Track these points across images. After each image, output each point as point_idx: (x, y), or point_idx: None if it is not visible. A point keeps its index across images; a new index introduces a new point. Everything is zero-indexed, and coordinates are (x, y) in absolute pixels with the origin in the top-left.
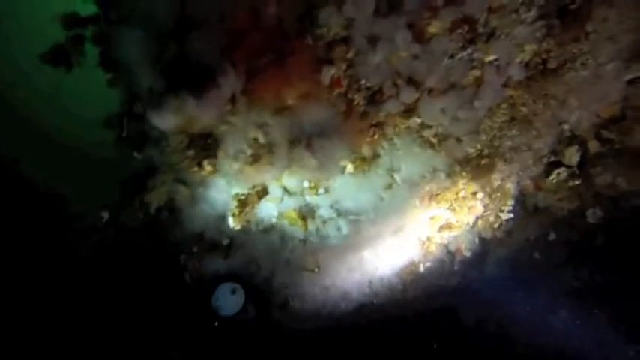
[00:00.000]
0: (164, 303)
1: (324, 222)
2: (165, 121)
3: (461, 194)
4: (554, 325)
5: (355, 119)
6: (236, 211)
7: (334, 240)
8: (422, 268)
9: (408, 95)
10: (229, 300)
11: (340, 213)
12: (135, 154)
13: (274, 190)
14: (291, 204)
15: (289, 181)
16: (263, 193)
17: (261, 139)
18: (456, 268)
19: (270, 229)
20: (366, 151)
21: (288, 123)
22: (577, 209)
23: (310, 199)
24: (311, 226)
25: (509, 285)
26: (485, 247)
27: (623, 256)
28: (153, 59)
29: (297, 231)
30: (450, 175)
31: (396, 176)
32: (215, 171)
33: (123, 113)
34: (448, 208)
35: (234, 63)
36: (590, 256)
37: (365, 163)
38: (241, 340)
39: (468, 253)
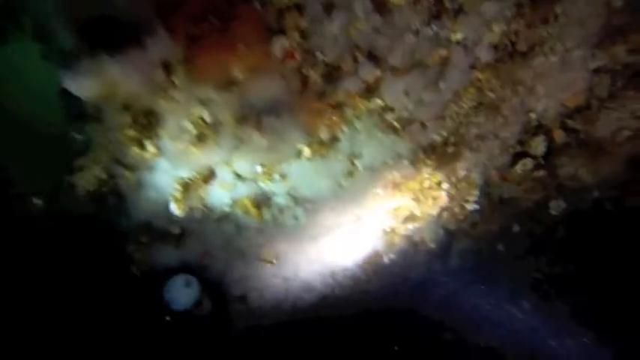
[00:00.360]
0: (109, 298)
1: (281, 210)
2: (81, 85)
3: (425, 184)
4: (515, 316)
5: (311, 98)
6: (178, 196)
7: (292, 230)
8: (386, 259)
9: (369, 72)
10: (182, 293)
11: (297, 201)
12: (73, 132)
13: (225, 174)
14: (244, 191)
15: (240, 164)
16: (210, 176)
17: (207, 117)
18: (419, 259)
19: (223, 217)
20: (323, 134)
21: (235, 99)
22: (541, 201)
23: (265, 185)
24: (266, 215)
25: (471, 277)
26: (449, 238)
27: (582, 248)
28: (67, 16)
29: (252, 220)
30: (413, 162)
31: (357, 162)
32: (159, 152)
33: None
34: (412, 199)
35: (171, 27)
36: (551, 248)
37: (323, 147)
38: (196, 337)
39: (432, 245)
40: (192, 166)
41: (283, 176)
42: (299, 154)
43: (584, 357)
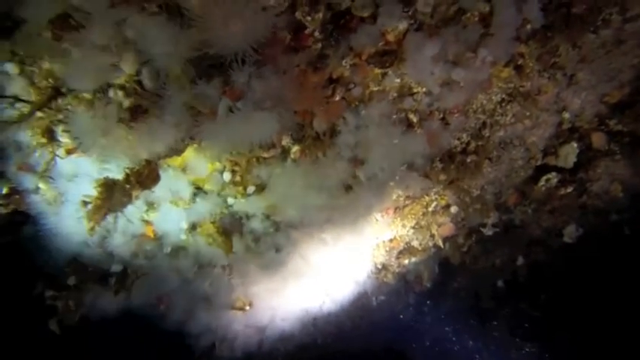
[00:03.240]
0: None
1: (257, 239)
2: None
3: (431, 207)
4: None
5: (305, 64)
6: (89, 213)
7: (270, 265)
8: (374, 302)
9: (392, 19)
10: None
11: (278, 226)
12: None
13: (178, 184)
14: (206, 209)
15: (197, 164)
16: (151, 178)
17: (145, 78)
18: (411, 301)
19: (178, 250)
20: (318, 123)
21: (186, 41)
22: (554, 226)
23: (235, 202)
24: (237, 246)
25: (466, 319)
26: (446, 276)
27: (595, 281)
28: None
29: (219, 253)
30: (427, 174)
31: (359, 171)
32: (77, 145)
33: None
34: (412, 227)
35: None
36: (558, 282)
37: (316, 144)
38: None
39: (428, 284)
40: (124, 160)
41: (260, 188)
42: (284, 154)
43: None
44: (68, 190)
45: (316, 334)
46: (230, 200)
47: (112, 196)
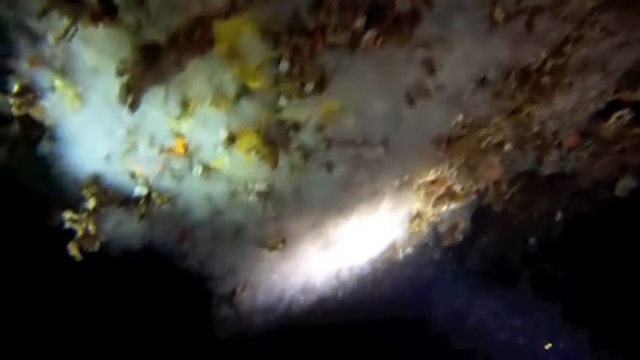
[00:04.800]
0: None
1: (305, 156)
2: None
3: (484, 143)
4: (536, 326)
5: None
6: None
7: (316, 194)
8: (400, 255)
9: None
10: None
11: (330, 143)
12: None
13: (221, 77)
14: (251, 113)
15: (250, 46)
16: (204, 41)
17: None
18: (436, 256)
19: (210, 172)
20: (402, 2)
21: None
22: (607, 177)
23: (288, 105)
24: (283, 161)
25: (488, 282)
26: (477, 230)
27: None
28: None
29: (256, 176)
30: (498, 93)
31: (429, 81)
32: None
33: None
34: (460, 167)
35: None
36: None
37: (394, 32)
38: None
39: (459, 237)
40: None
41: (320, 86)
42: (355, 39)
43: None
44: (90, 86)
45: (339, 287)
46: (282, 101)
47: (155, 63)
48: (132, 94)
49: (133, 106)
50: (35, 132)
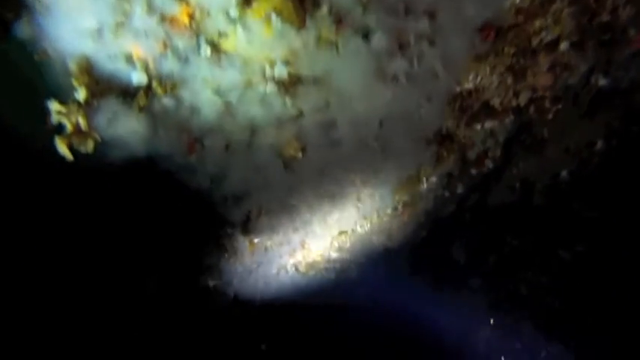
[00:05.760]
0: None
1: (338, 20)
2: None
3: (536, 40)
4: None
5: None
6: None
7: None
8: (424, 184)
9: None
10: None
11: (367, 5)
12: None
13: None
14: None
15: None
16: None
17: None
18: (459, 190)
19: (220, 54)
20: None
21: None
22: None
23: None
24: (309, 32)
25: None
26: (507, 158)
27: None
28: None
29: (279, 49)
30: None
31: None
32: None
33: None
34: (502, 73)
35: None
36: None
37: None
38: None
39: (490, 164)
40: None
41: None
42: None
43: None
44: None
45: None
46: None
47: None
48: None
49: None
50: (11, 9)
